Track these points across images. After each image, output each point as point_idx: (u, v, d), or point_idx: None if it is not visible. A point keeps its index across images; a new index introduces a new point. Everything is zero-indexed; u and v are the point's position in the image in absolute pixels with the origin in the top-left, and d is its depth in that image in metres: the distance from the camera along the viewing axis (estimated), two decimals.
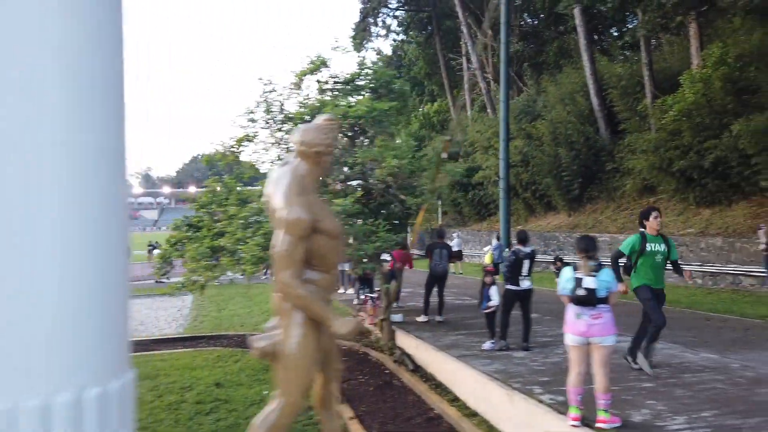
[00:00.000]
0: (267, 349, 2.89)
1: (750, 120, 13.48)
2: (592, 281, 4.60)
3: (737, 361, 6.51)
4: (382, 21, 42.09)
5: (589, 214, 21.59)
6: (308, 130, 2.97)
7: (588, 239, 4.89)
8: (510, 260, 7.53)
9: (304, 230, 2.69)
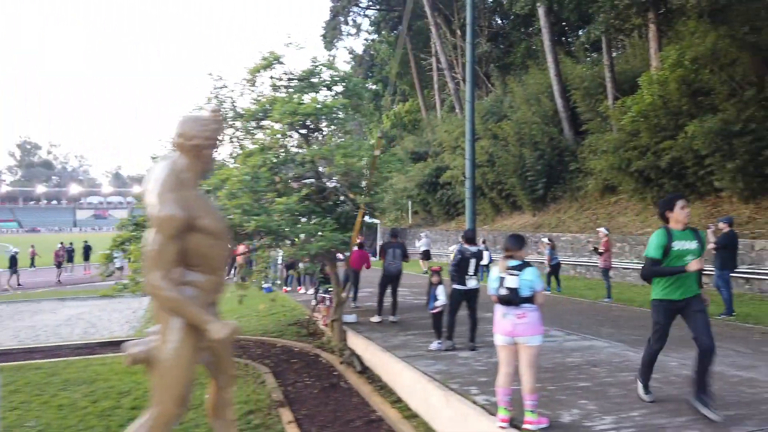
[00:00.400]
0: (139, 355, 2.73)
1: (703, 121, 13.73)
2: (514, 280, 4.56)
3: (676, 359, 6.56)
4: (353, 20, 41.91)
5: (553, 213, 21.79)
6: (186, 122, 2.82)
7: (512, 238, 4.83)
8: (456, 259, 7.47)
9: (176, 228, 2.54)
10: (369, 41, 50.73)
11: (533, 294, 4.58)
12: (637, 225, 16.78)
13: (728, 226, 9.66)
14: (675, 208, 4.78)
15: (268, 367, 8.24)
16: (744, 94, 13.73)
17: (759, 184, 13.52)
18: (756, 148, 13.16)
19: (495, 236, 24.00)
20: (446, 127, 29.77)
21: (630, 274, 16.06)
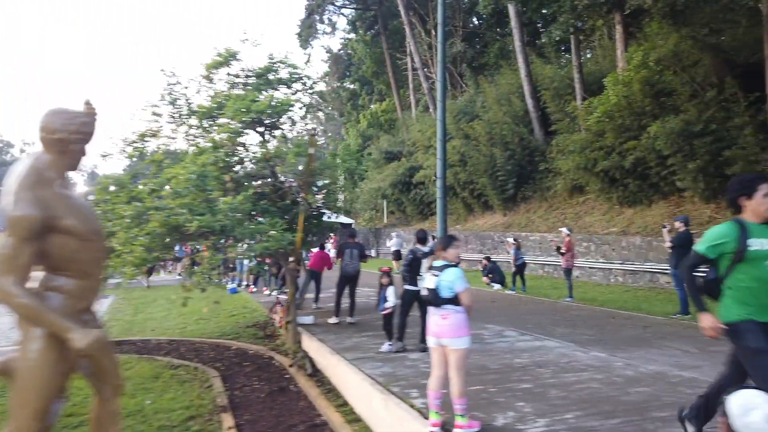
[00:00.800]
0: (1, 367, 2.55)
1: (666, 122, 13.85)
2: (433, 281, 4.49)
3: (622, 359, 6.55)
4: (329, 18, 41.67)
5: (523, 213, 21.86)
6: (49, 115, 2.63)
7: (444, 238, 4.76)
8: (407, 260, 7.38)
9: (30, 229, 2.38)
10: (346, 40, 50.55)
11: (455, 295, 4.49)
12: (602, 225, 16.90)
13: (684, 226, 9.72)
14: (756, 195, 3.40)
15: (218, 371, 8.06)
16: (705, 96, 13.89)
17: (719, 184, 13.66)
18: (716, 149, 13.31)
19: (467, 236, 24.04)
20: (420, 127, 29.71)
21: (595, 273, 16.17)
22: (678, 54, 14.65)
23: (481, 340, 7.94)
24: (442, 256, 4.67)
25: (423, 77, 32.08)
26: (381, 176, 32.23)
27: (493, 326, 9.03)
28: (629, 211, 16.51)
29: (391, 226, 32.82)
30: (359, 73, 49.84)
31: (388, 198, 32.42)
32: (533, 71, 22.64)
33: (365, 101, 50.71)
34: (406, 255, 7.47)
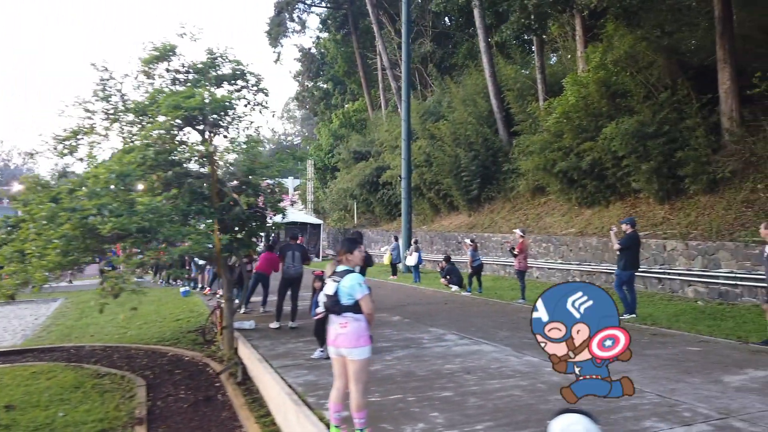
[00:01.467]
0: None
1: (620, 123, 13.85)
2: (332, 287, 4.26)
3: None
4: (298, 16, 41.22)
5: (487, 214, 21.81)
6: None
7: (346, 241, 4.51)
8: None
9: None
10: (319, 39, 50.13)
11: (356, 302, 4.26)
12: (561, 225, 16.89)
13: (631, 228, 9.67)
14: None
15: (146, 379, 7.72)
16: (659, 97, 13.93)
17: (672, 185, 13.73)
18: (669, 150, 13.36)
19: (432, 237, 23.94)
20: (387, 127, 29.56)
21: (554, 274, 16.14)
22: (634, 55, 14.69)
23: (418, 344, 7.75)
24: (346, 259, 4.44)
25: (391, 77, 31.93)
26: (349, 176, 31.99)
27: (435, 330, 8.84)
28: (588, 211, 16.52)
29: (360, 227, 32.58)
30: (332, 73, 49.48)
31: (357, 198, 32.19)
32: (498, 72, 22.62)
33: (338, 100, 50.37)
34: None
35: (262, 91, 10.59)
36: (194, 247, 6.77)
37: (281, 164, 8.68)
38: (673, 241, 12.59)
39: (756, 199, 11.91)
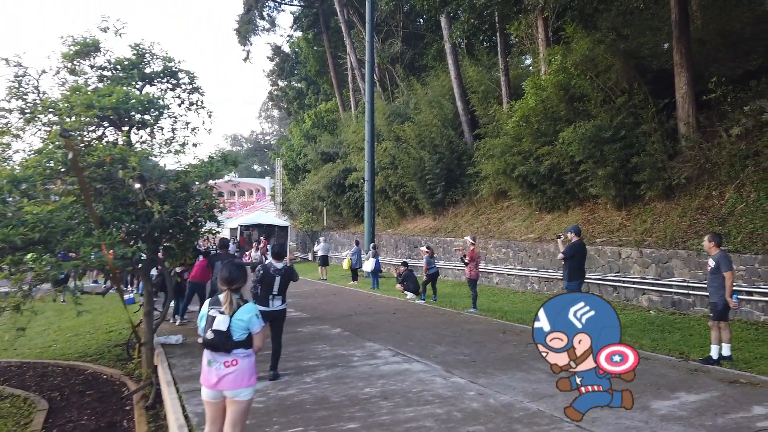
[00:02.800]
0: None
1: (578, 127, 13.58)
2: (224, 321, 3.75)
3: (480, 387, 5.99)
4: (268, 14, 40.47)
5: (451, 218, 21.46)
6: None
7: (233, 268, 3.99)
8: (258, 276, 6.63)
9: None
10: (292, 37, 49.43)
11: (248, 337, 3.79)
12: (521, 230, 16.60)
13: (576, 236, 9.33)
14: None
15: (51, 402, 7.12)
16: (616, 101, 13.69)
17: (629, 191, 13.50)
18: (626, 155, 13.11)
19: (397, 240, 23.53)
20: (354, 128, 29.07)
21: (513, 280, 15.83)
22: (592, 59, 14.45)
23: (346, 363, 7.28)
24: (240, 289, 3.95)
25: (360, 77, 31.46)
26: (317, 178, 31.46)
27: (371, 345, 8.39)
28: (548, 216, 16.25)
29: (329, 229, 32.07)
30: (304, 72, 48.84)
31: (325, 200, 31.66)
32: (463, 73, 22.31)
33: (312, 100, 49.77)
34: (257, 271, 6.73)
35: (197, 90, 10.08)
36: (95, 262, 6.21)
37: (207, 169, 8.13)
38: (629, 249, 12.34)
39: (710, 206, 11.71)
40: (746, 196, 11.08)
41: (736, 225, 10.69)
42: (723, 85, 12.11)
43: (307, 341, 8.83)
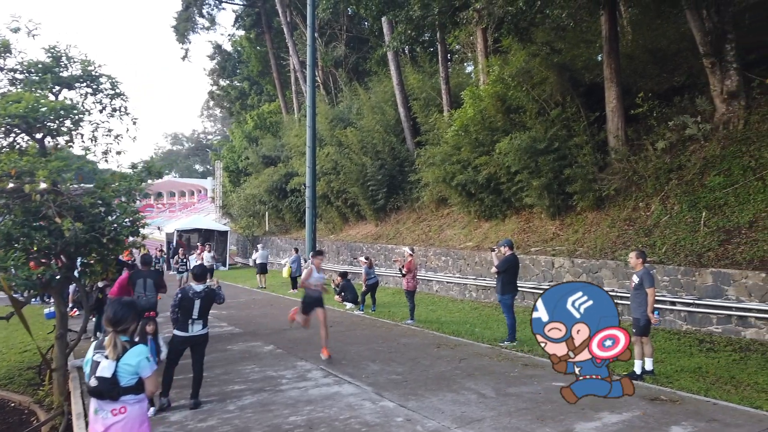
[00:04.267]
0: None
1: (514, 138, 13.80)
2: (109, 366, 3.44)
3: (409, 411, 5.88)
4: (208, 12, 39.31)
5: (393, 224, 21.43)
6: None
7: (118, 307, 3.67)
8: (176, 300, 6.27)
9: None
10: (234, 36, 48.28)
11: (139, 380, 3.49)
12: (460, 239, 16.74)
13: (509, 249, 9.42)
14: None
15: None
16: (550, 113, 14.00)
17: (562, 201, 13.84)
18: (559, 167, 13.43)
19: (339, 247, 23.28)
20: (297, 131, 28.61)
21: (452, 288, 15.93)
22: (528, 71, 14.73)
23: (275, 386, 7.01)
24: (128, 330, 3.63)
25: (302, 80, 31.02)
26: (258, 181, 30.78)
27: (303, 364, 8.15)
28: (486, 225, 16.46)
29: (271, 234, 31.44)
30: (247, 72, 47.80)
31: (266, 204, 31.01)
32: (405, 80, 22.34)
33: (255, 101, 48.75)
34: (175, 295, 6.36)
35: (120, 95, 9.56)
36: None
37: (126, 183, 7.66)
38: (561, 258, 12.62)
39: (637, 218, 12.13)
40: (670, 208, 11.54)
41: (660, 236, 11.10)
42: (650, 100, 12.60)
43: (235, 361, 8.50)
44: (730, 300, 9.16)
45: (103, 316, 3.80)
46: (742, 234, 9.80)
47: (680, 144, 12.37)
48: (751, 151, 10.87)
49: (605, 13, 13.12)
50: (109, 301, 3.91)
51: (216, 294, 6.52)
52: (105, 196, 7.28)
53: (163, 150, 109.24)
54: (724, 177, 10.93)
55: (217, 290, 6.58)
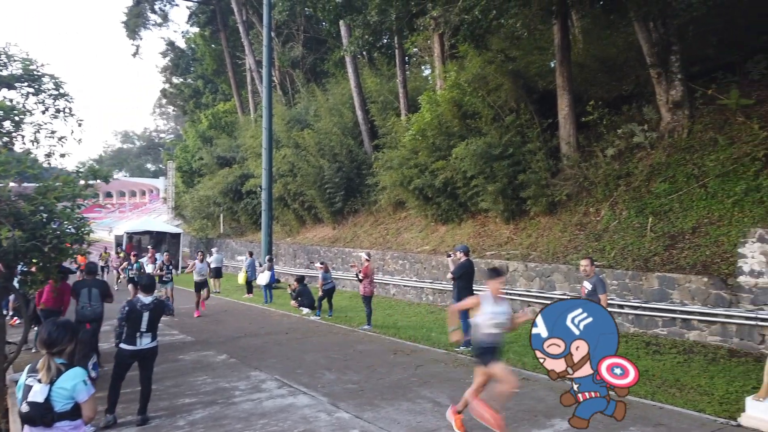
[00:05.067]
0: None
1: (470, 144, 13.97)
2: (42, 391, 3.26)
3: (367, 422, 5.84)
4: (160, 8, 38.22)
5: (350, 227, 21.36)
6: None
7: (53, 328, 3.46)
8: (123, 313, 6.02)
9: None
10: (188, 33, 47.11)
11: (75, 405, 3.31)
12: (417, 242, 16.83)
13: (464, 255, 9.50)
14: None
15: None
16: (505, 119, 14.24)
17: (516, 206, 14.10)
18: (513, 172, 13.67)
19: (296, 250, 23.03)
20: (253, 132, 28.16)
21: (409, 291, 15.98)
22: (483, 77, 14.94)
23: (227, 399, 6.84)
24: (66, 352, 3.42)
25: (258, 80, 30.56)
26: (212, 183, 30.14)
27: (257, 374, 7.99)
28: (443, 228, 16.59)
29: (225, 236, 30.83)
30: (201, 70, 46.74)
31: (221, 206, 30.40)
32: (363, 83, 22.31)
33: (209, 100, 47.71)
34: (121, 308, 6.10)
35: (64, 96, 9.15)
36: None
37: (69, 189, 7.32)
38: (515, 262, 12.84)
39: (588, 223, 12.47)
40: (619, 214, 11.91)
41: (610, 241, 11.44)
42: (600, 108, 12.98)
43: (187, 372, 8.25)
44: (674, 303, 9.51)
45: None
46: (686, 239, 10.20)
47: (628, 151, 12.78)
48: (694, 159, 11.33)
49: (558, 22, 13.43)
50: (44, 322, 3.68)
51: (165, 306, 6.30)
52: (47, 203, 6.92)
53: (113, 148, 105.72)
54: (669, 184, 11.36)
55: (166, 302, 6.37)
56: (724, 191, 10.22)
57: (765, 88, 11.58)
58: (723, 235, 9.59)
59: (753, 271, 8.61)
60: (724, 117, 11.51)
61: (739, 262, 8.83)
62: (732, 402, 6.18)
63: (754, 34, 12.16)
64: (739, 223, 9.45)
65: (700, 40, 13.16)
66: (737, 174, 10.24)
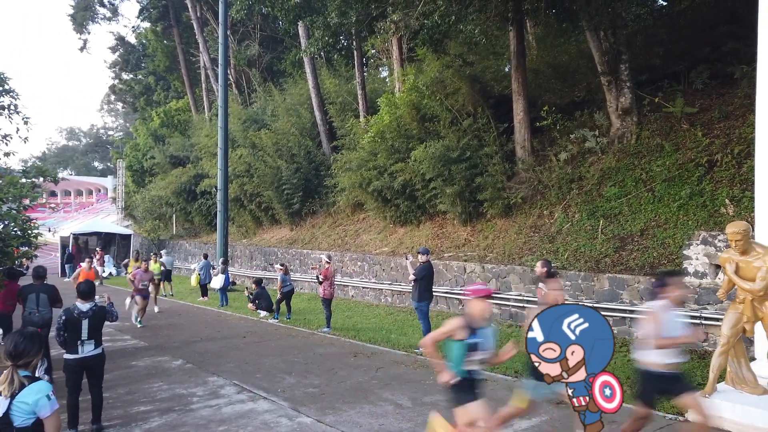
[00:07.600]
0: None
1: (428, 146, 14.12)
2: (2, 404, 3.12)
3: (329, 426, 5.83)
4: (109, 2, 36.91)
5: (308, 229, 21.21)
6: None
7: (19, 339, 3.32)
8: (61, 322, 5.75)
9: None
10: (139, 28, 45.65)
11: (36, 421, 3.17)
12: (376, 243, 16.87)
13: (425, 257, 9.60)
14: None
15: None
16: (463, 123, 14.47)
17: (474, 208, 14.33)
18: (470, 175, 13.89)
19: (252, 251, 22.71)
20: (208, 131, 27.57)
21: (368, 293, 16.01)
22: (442, 81, 15.13)
23: (185, 405, 6.69)
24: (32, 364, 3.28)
25: (213, 78, 29.97)
26: (164, 183, 29.34)
27: (215, 380, 7.84)
28: (401, 230, 16.70)
29: (178, 238, 30.07)
30: (152, 67, 45.40)
31: (173, 207, 29.62)
32: (322, 84, 22.20)
33: (161, 97, 46.40)
34: (58, 317, 5.83)
35: (9, 93, 8.76)
36: None
37: (15, 190, 7.01)
38: (473, 264, 13.06)
39: (542, 225, 12.81)
40: (571, 216, 12.29)
41: (563, 243, 11.79)
42: (553, 113, 13.35)
43: (141, 379, 8.02)
44: (624, 303, 9.89)
45: None
46: (635, 241, 10.62)
47: (580, 156, 13.20)
48: (642, 164, 11.81)
49: (513, 29, 13.74)
50: (11, 334, 3.51)
51: (108, 311, 6.08)
52: None
53: (57, 146, 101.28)
54: (619, 188, 11.80)
55: (109, 307, 6.15)
56: (670, 195, 10.70)
57: (708, 97, 12.20)
58: (669, 237, 10.04)
59: (697, 272, 9.06)
60: (669, 124, 12.05)
61: (684, 263, 9.27)
62: None
63: (698, 45, 12.80)
64: (684, 226, 9.92)
65: (648, 50, 13.76)
66: (682, 179, 10.74)
